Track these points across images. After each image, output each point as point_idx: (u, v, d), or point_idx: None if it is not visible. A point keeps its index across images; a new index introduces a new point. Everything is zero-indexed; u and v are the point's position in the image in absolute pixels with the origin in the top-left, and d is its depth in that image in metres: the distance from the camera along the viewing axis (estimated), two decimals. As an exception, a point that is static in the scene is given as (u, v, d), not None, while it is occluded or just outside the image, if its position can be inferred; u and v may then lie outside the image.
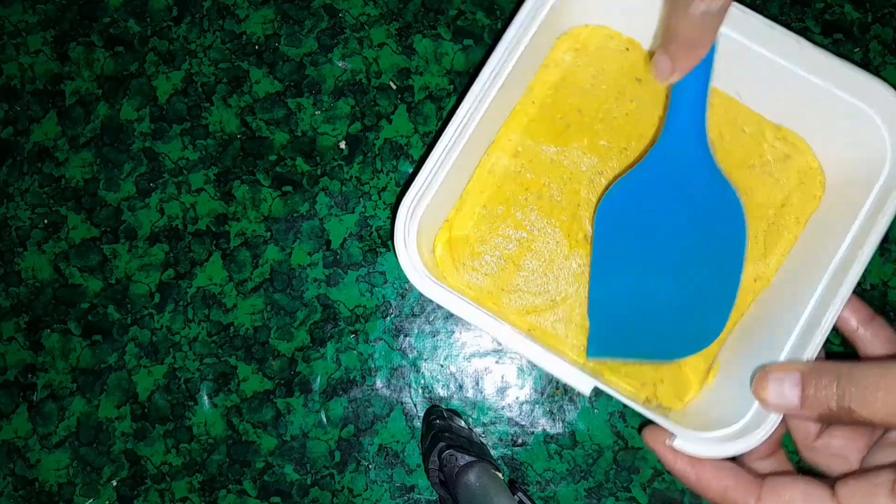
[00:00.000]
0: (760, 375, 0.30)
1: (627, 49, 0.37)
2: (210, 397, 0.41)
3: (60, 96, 0.43)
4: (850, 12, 0.42)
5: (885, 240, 0.41)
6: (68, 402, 0.41)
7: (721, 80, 0.36)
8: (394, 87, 0.42)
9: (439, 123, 0.42)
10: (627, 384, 0.35)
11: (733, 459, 0.31)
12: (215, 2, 0.43)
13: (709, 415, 0.33)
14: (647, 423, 0.31)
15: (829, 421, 0.28)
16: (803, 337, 0.31)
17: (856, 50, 0.42)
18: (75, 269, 0.42)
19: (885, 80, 0.32)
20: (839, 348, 0.40)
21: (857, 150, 0.34)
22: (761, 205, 0.36)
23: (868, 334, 0.33)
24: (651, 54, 0.37)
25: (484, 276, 0.36)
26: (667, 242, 0.34)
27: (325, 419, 0.40)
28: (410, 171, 0.42)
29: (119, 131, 0.42)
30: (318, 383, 0.40)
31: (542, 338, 0.36)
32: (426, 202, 0.32)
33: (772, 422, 0.30)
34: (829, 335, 0.31)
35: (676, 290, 0.34)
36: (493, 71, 0.32)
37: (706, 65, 0.30)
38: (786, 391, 0.29)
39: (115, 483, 0.40)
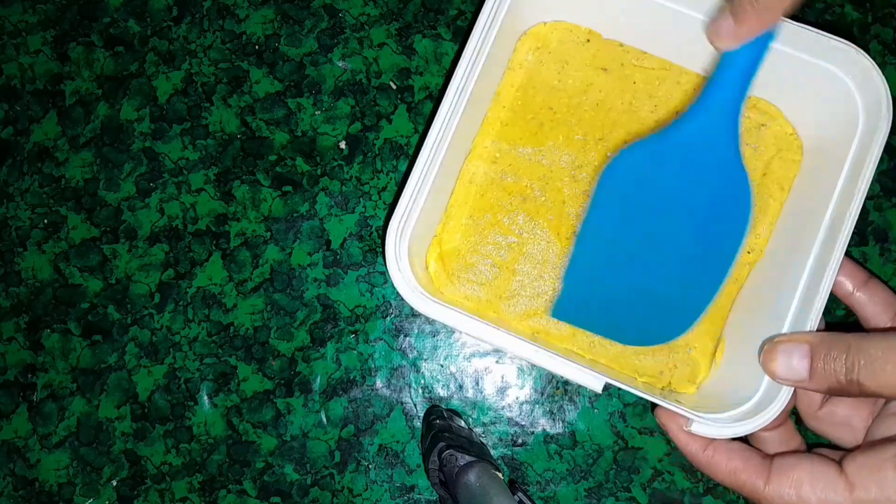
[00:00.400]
0: (769, 348, 0.30)
1: (588, 40, 0.37)
2: (210, 397, 0.41)
3: (60, 96, 0.43)
4: (850, 12, 0.42)
5: (885, 239, 0.41)
6: (68, 402, 0.41)
7: (687, 58, 0.36)
8: (394, 87, 0.42)
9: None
10: (642, 377, 0.35)
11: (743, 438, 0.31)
12: (215, 2, 0.43)
13: (721, 395, 0.33)
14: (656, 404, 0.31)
15: (838, 393, 0.28)
16: (803, 305, 0.31)
17: (856, 50, 0.42)
18: (75, 269, 0.42)
19: (849, 41, 0.32)
20: (842, 311, 0.39)
21: (830, 113, 0.34)
22: None
23: (864, 297, 0.33)
24: (608, 43, 0.37)
25: (480, 286, 0.36)
26: (664, 222, 0.32)
27: (325, 419, 0.40)
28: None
29: (119, 131, 0.42)
30: (318, 383, 0.40)
31: (546, 339, 0.36)
32: (413, 221, 0.32)
33: (783, 397, 0.30)
34: (828, 302, 0.31)
35: (661, 274, 0.33)
36: (459, 84, 0.32)
37: (765, 40, 0.28)
38: (794, 363, 0.29)
39: (115, 483, 0.40)
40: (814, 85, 0.34)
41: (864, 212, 0.41)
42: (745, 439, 0.32)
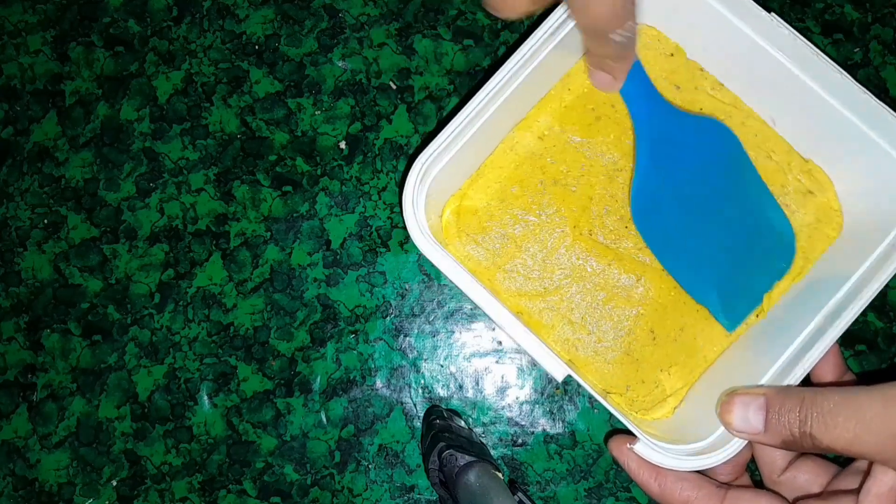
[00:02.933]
0: (726, 399, 0.30)
1: (672, 55, 0.37)
2: (210, 397, 0.41)
3: (60, 96, 0.43)
4: (850, 12, 0.42)
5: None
6: (68, 402, 0.41)
7: (759, 99, 0.36)
8: (394, 87, 0.42)
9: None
10: (603, 384, 0.36)
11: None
12: (215, 2, 0.43)
13: (675, 432, 0.33)
14: (613, 434, 0.31)
15: (792, 448, 0.28)
16: (782, 372, 0.31)
17: (856, 50, 0.42)
18: (75, 269, 0.42)
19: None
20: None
21: (878, 196, 0.33)
22: None
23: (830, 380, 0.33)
24: (690, 63, 0.37)
25: (485, 250, 0.36)
26: (699, 202, 0.35)
27: (325, 419, 0.40)
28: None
29: (119, 131, 0.42)
30: (318, 383, 0.40)
31: (528, 322, 0.36)
32: (440, 166, 0.32)
33: (735, 444, 0.30)
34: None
35: (734, 228, 0.35)
36: (531, 48, 0.31)
37: (637, 64, 0.33)
38: (750, 416, 0.29)
39: (115, 483, 0.40)
40: (871, 165, 0.33)
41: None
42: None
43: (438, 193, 0.34)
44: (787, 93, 0.34)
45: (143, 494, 0.40)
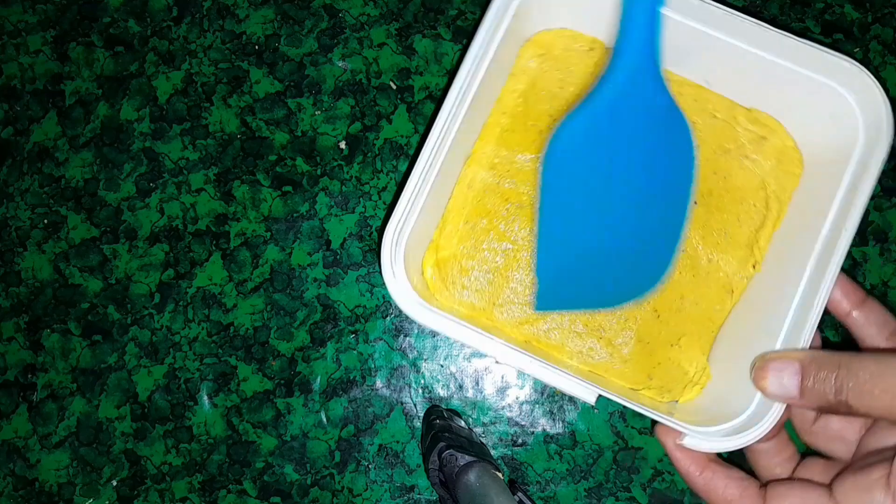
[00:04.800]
0: (760, 365, 0.30)
1: (591, 49, 0.37)
2: (210, 397, 0.41)
3: (60, 96, 0.43)
4: (850, 12, 0.42)
5: (885, 240, 0.41)
6: (68, 402, 0.41)
7: (689, 68, 0.36)
8: (394, 87, 0.42)
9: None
10: (627, 382, 0.35)
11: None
12: (215, 2, 0.43)
13: (711, 408, 0.33)
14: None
15: (828, 412, 0.28)
16: (797, 321, 0.31)
17: (856, 50, 0.42)
18: (75, 269, 0.42)
19: (853, 58, 0.32)
20: (836, 339, 0.40)
21: (831, 128, 0.34)
22: (740, 187, 0.36)
23: (861, 317, 0.33)
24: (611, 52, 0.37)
25: (475, 292, 0.36)
26: (614, 183, 0.32)
27: (325, 419, 0.40)
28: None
29: (119, 131, 0.42)
30: (318, 383, 0.40)
31: (538, 347, 0.36)
32: (410, 226, 0.32)
33: (776, 411, 0.30)
34: (824, 324, 0.31)
35: (624, 233, 0.33)
36: (461, 87, 0.32)
37: (656, 12, 0.28)
38: (785, 381, 0.29)
39: (115, 483, 0.40)
40: (815, 100, 0.34)
41: (865, 212, 0.41)
42: (739, 452, 0.32)
43: (413, 255, 0.34)
44: (712, 55, 0.34)
45: (143, 494, 0.40)
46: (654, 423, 0.32)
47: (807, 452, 0.33)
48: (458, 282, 0.36)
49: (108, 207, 0.42)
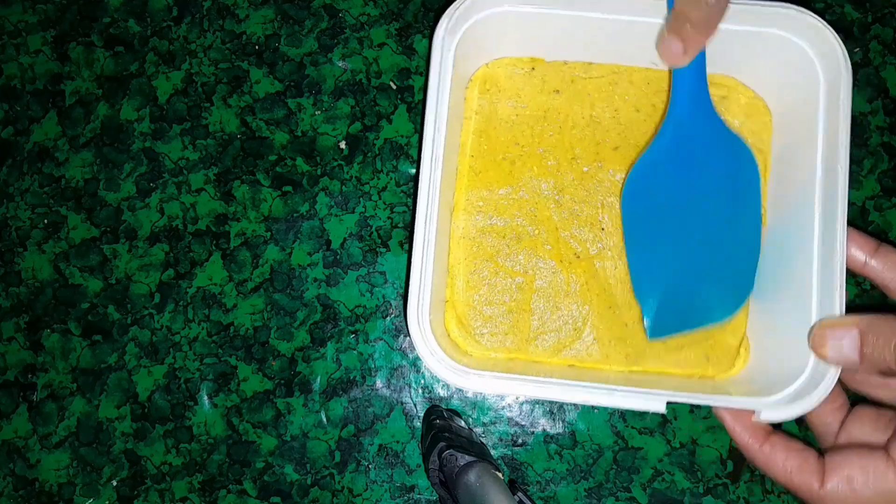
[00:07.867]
0: (818, 332, 0.30)
1: (533, 68, 0.38)
2: (210, 397, 0.41)
3: (60, 96, 0.43)
4: (850, 12, 0.42)
5: (885, 240, 0.41)
6: (68, 402, 0.41)
7: (633, 59, 0.37)
8: (394, 87, 0.42)
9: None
10: (689, 368, 0.36)
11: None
12: (215, 2, 0.43)
13: (759, 378, 0.34)
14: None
15: (888, 376, 0.29)
16: (824, 284, 0.31)
17: (856, 50, 0.42)
18: (75, 269, 0.42)
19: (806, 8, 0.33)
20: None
21: (790, 75, 0.35)
22: None
23: (878, 264, 0.33)
24: (553, 65, 0.38)
25: (504, 334, 0.37)
26: (691, 210, 0.35)
27: (325, 419, 0.40)
28: (411, 171, 0.42)
29: (119, 131, 0.42)
30: (318, 383, 0.40)
31: (583, 367, 0.36)
32: (427, 298, 0.32)
33: (833, 374, 0.30)
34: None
35: (709, 253, 0.35)
36: (431, 150, 0.32)
37: (701, 54, 0.33)
38: (845, 348, 0.29)
39: (115, 483, 0.40)
40: (768, 52, 0.34)
41: (865, 212, 0.41)
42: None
43: (437, 323, 0.34)
44: (647, 40, 0.34)
45: (143, 494, 0.40)
46: (693, 407, 0.32)
47: (855, 400, 0.34)
48: (485, 331, 0.37)
49: (108, 207, 0.42)
